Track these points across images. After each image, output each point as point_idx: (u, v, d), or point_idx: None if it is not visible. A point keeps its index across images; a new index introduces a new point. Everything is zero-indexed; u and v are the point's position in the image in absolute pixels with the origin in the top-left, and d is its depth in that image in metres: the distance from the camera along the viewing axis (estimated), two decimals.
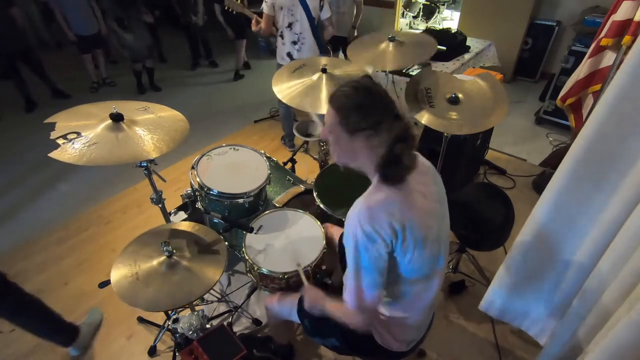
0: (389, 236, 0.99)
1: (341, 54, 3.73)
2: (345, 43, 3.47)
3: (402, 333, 1.22)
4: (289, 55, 2.85)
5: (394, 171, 1.00)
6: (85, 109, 1.49)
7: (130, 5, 4.06)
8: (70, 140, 1.30)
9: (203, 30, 5.11)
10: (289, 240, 1.62)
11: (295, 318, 1.40)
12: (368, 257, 1.00)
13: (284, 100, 1.84)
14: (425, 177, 1.13)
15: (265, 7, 2.64)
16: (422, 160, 1.16)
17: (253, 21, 2.76)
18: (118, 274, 1.33)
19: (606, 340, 1.02)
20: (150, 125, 1.46)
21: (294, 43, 2.80)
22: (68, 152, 1.27)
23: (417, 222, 1.02)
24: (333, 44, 3.34)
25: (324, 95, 1.84)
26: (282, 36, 2.79)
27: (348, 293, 1.06)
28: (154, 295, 1.28)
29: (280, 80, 1.94)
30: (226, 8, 2.80)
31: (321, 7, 2.76)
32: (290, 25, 2.72)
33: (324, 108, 1.79)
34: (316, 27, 2.78)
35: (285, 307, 1.44)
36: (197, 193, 1.94)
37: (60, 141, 1.30)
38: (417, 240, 1.03)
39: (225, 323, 1.75)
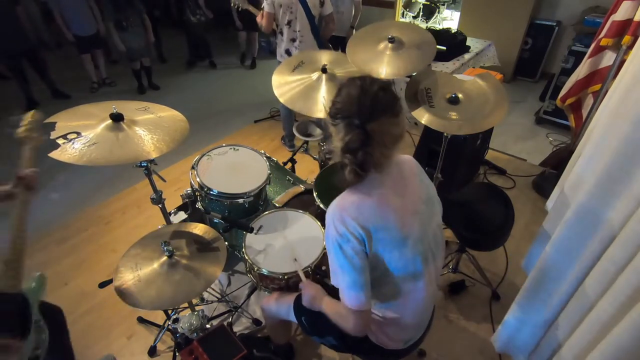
0: (361, 235, 1.00)
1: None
2: (344, 43, 3.47)
3: (396, 333, 1.22)
4: (287, 52, 2.87)
5: (339, 176, 1.02)
6: (85, 109, 1.49)
7: (126, 5, 4.08)
8: (70, 140, 1.31)
9: (202, 29, 5.11)
10: (289, 240, 1.62)
11: (292, 318, 1.40)
12: (344, 256, 1.01)
13: (284, 103, 1.84)
14: (409, 178, 1.12)
15: (265, 5, 2.67)
16: (405, 161, 1.15)
17: (258, 15, 2.80)
18: (120, 278, 1.33)
19: (605, 343, 1.01)
20: (150, 125, 1.46)
21: (293, 40, 2.81)
22: (68, 152, 1.27)
23: (392, 222, 1.02)
24: (332, 44, 3.34)
25: (323, 96, 1.84)
26: (281, 33, 2.81)
27: (340, 294, 1.06)
28: (156, 295, 1.28)
29: (280, 81, 1.93)
30: (232, 5, 2.96)
31: (322, 4, 2.77)
32: (289, 23, 2.74)
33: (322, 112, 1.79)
34: (315, 25, 2.80)
35: (283, 307, 1.44)
36: (197, 193, 1.94)
37: (60, 141, 1.30)
38: (394, 240, 1.03)
39: (225, 323, 1.75)
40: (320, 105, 1.82)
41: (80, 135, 1.33)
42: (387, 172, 1.05)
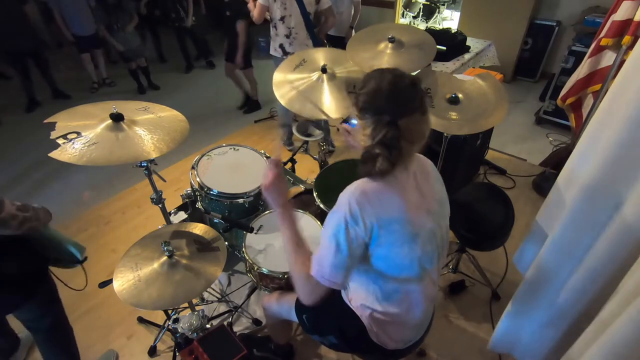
0: (372, 223, 0.99)
1: None
2: (343, 44, 3.47)
3: (398, 333, 1.21)
4: (282, 47, 2.85)
5: (367, 167, 1.00)
6: (85, 109, 1.49)
7: (116, 9, 4.09)
8: (70, 140, 1.30)
9: (195, 31, 5.10)
10: None
11: (293, 317, 1.40)
12: (345, 236, 1.00)
13: (284, 105, 1.82)
14: (427, 176, 1.13)
15: None
16: (424, 159, 1.17)
17: (250, 3, 2.77)
18: (120, 278, 1.33)
19: (604, 337, 1.01)
20: (151, 125, 1.46)
21: (287, 37, 2.80)
22: (68, 152, 1.27)
23: (407, 217, 1.02)
24: (331, 44, 3.33)
25: (325, 98, 1.83)
26: (275, 27, 2.80)
27: (315, 260, 1.05)
28: (157, 295, 1.28)
29: (280, 80, 1.92)
30: None
31: (317, 0, 2.74)
32: (282, 19, 2.72)
33: (324, 113, 1.78)
34: (310, 22, 2.77)
35: (284, 306, 1.44)
36: (197, 193, 1.94)
37: (60, 141, 1.29)
38: (405, 235, 1.03)
39: (225, 323, 1.75)
40: (321, 108, 1.80)
41: (80, 135, 1.33)
42: (409, 168, 1.06)
